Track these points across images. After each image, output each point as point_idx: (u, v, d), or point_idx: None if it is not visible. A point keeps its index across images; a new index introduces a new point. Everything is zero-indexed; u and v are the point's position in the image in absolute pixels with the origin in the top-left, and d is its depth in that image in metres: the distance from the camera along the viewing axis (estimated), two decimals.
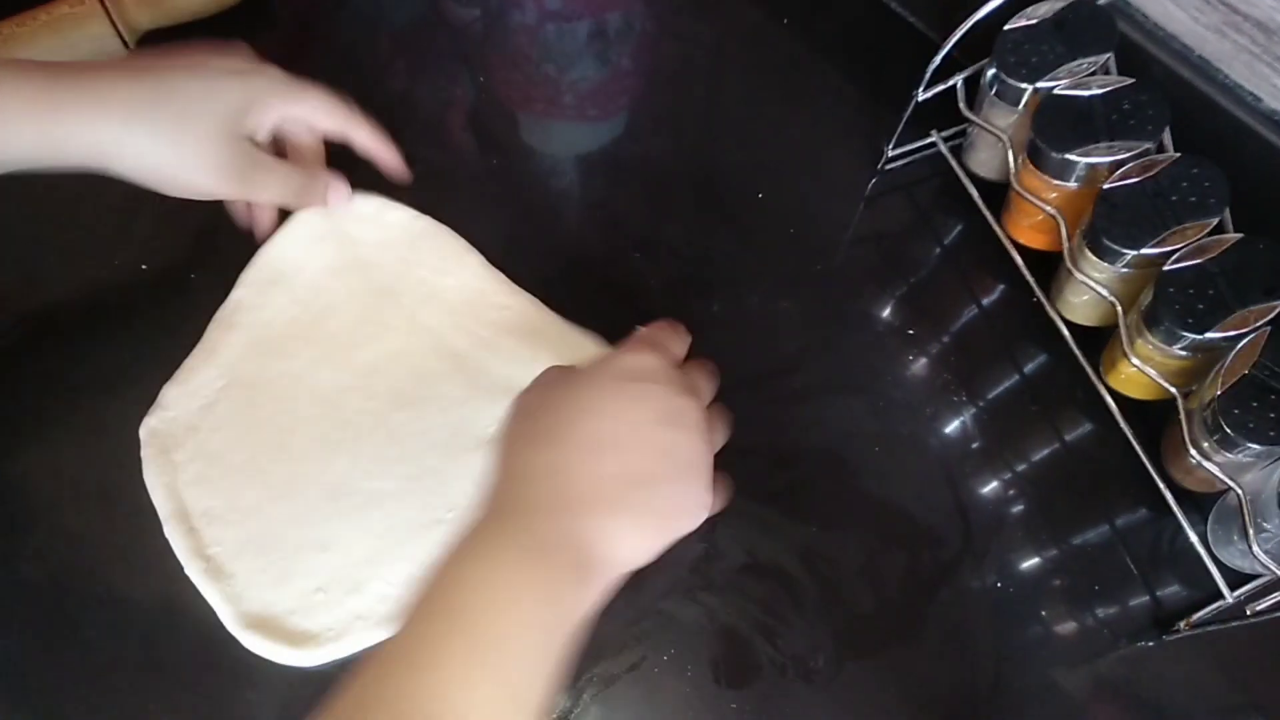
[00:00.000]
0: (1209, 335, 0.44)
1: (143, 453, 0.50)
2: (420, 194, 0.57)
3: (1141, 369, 0.47)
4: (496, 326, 0.54)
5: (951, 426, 0.53)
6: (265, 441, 0.51)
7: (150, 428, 0.51)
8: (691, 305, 0.56)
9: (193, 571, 0.48)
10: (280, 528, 0.49)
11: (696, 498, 0.43)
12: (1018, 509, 0.51)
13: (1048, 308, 0.54)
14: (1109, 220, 0.47)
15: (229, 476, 0.50)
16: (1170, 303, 0.45)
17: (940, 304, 0.57)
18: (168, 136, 0.47)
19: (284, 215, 0.56)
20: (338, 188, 0.55)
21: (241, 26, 0.60)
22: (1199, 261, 0.45)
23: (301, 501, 0.49)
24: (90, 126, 0.47)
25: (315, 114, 0.53)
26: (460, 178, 0.58)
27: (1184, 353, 0.46)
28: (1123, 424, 0.51)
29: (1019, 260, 0.55)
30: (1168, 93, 0.49)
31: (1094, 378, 0.52)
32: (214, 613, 0.47)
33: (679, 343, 0.48)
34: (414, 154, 0.57)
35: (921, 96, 0.56)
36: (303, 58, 0.65)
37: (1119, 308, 0.49)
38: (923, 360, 0.55)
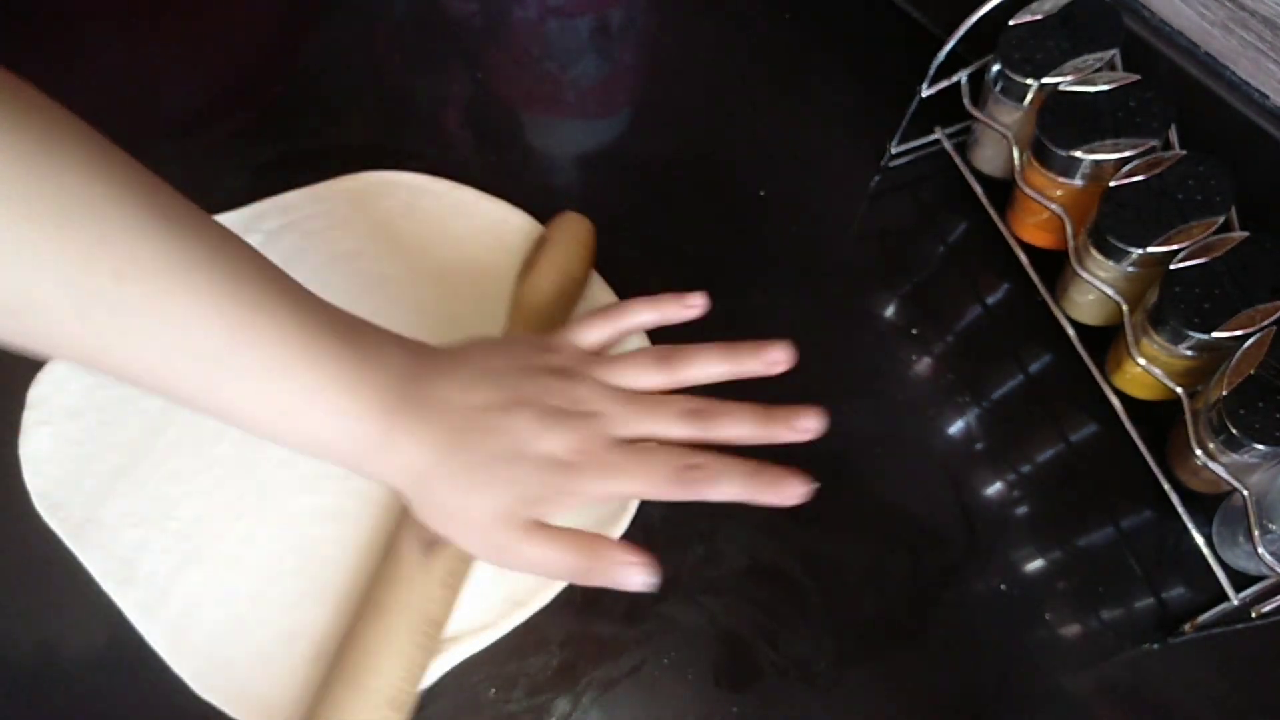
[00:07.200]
0: (1215, 334, 0.44)
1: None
2: None
3: (1147, 369, 0.47)
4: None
5: (955, 427, 0.52)
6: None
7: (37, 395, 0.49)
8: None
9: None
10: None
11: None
12: (1022, 510, 0.50)
13: (1052, 307, 0.54)
14: (1114, 218, 0.47)
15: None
16: (1176, 302, 0.44)
17: (944, 303, 0.56)
18: (456, 497, 0.38)
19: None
20: (635, 568, 0.39)
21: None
22: (1205, 260, 0.45)
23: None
24: (388, 442, 0.36)
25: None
26: (458, 176, 0.57)
27: (1190, 352, 0.46)
28: (1128, 424, 0.51)
29: (1024, 258, 0.55)
30: (1174, 89, 0.48)
31: (1099, 377, 0.52)
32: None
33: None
34: (411, 151, 0.57)
35: (925, 93, 0.55)
36: (297, 52, 0.64)
37: (1124, 307, 0.48)
38: (926, 360, 0.54)
